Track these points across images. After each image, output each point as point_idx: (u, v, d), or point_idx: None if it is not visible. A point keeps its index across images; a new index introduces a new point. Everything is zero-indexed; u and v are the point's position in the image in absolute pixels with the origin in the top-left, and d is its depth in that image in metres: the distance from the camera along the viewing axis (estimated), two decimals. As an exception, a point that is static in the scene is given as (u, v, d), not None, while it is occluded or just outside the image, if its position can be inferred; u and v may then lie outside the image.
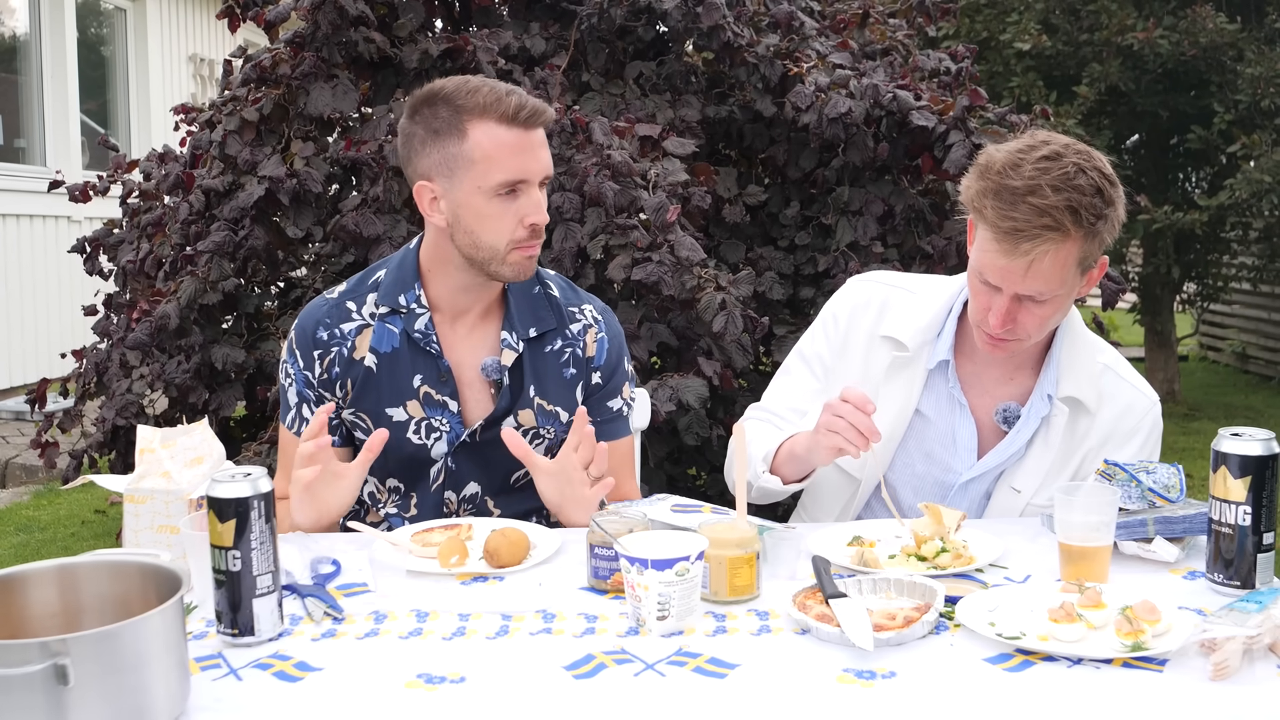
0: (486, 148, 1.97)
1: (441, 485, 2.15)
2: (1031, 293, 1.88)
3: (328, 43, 3.66)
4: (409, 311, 2.10)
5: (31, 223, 8.02)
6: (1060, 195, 1.80)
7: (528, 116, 1.98)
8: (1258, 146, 7.10)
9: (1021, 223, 1.80)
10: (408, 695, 1.37)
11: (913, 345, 2.10)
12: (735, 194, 3.94)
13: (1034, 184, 1.80)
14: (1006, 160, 1.85)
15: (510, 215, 2.00)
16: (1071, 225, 1.81)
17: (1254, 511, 1.61)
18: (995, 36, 7.67)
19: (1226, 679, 1.35)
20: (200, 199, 3.72)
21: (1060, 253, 1.83)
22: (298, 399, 2.15)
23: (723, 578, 1.63)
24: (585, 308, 2.22)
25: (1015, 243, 1.82)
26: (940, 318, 2.11)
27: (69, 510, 5.69)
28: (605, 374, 2.20)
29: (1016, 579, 1.73)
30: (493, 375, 2.11)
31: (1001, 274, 1.87)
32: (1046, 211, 1.79)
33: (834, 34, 4.28)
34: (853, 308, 2.18)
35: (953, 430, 2.11)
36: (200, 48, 10.62)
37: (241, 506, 1.49)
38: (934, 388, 2.11)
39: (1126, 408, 2.09)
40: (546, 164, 2.04)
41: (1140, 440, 2.10)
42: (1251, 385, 9.45)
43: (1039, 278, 1.85)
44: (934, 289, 2.16)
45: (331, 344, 2.12)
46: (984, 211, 1.85)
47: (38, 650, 1.19)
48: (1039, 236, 1.81)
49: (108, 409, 3.92)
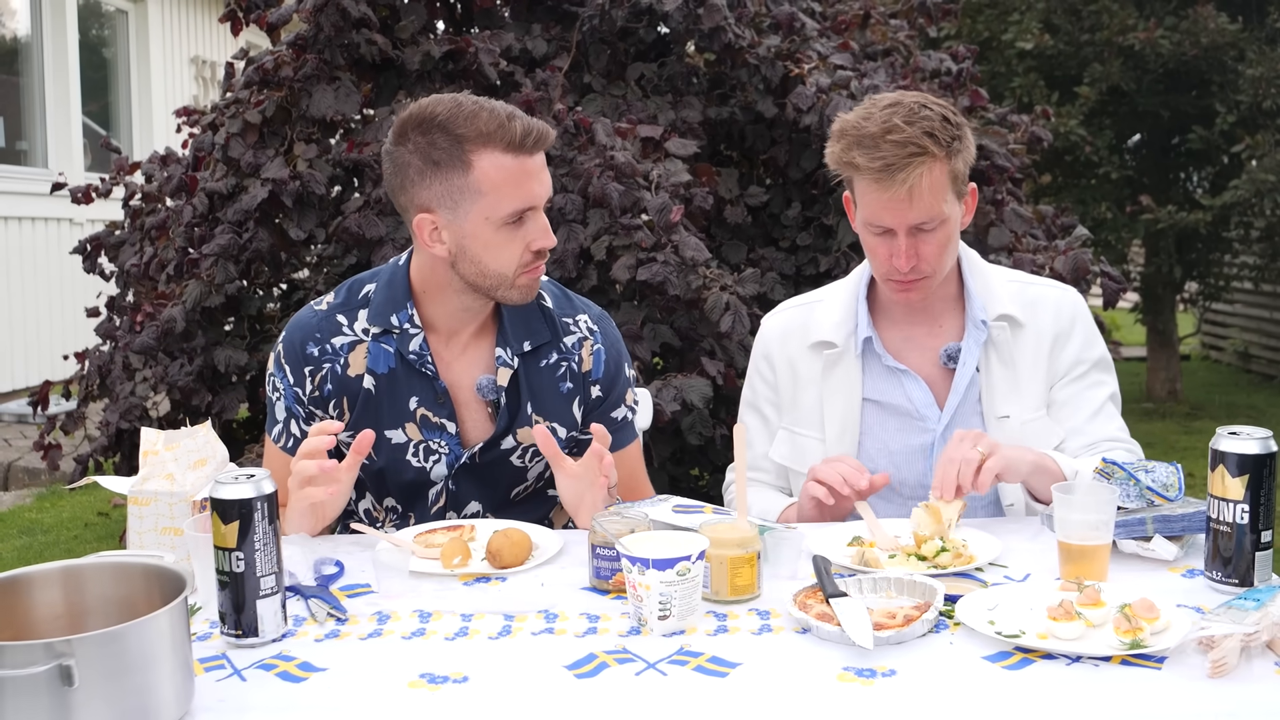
0: (495, 179, 1.91)
1: (443, 507, 2.12)
2: (920, 220, 2.03)
3: (330, 45, 3.67)
4: (402, 332, 2.05)
5: (34, 225, 8.03)
6: (914, 127, 1.99)
7: (534, 143, 1.93)
8: (1261, 146, 7.10)
9: (890, 157, 1.98)
10: (411, 695, 1.38)
11: (839, 338, 2.21)
12: (737, 195, 3.95)
13: (888, 125, 2.00)
14: (857, 116, 2.05)
15: (518, 242, 1.96)
16: (933, 146, 1.99)
17: (1252, 510, 1.61)
18: (996, 37, 7.67)
19: (1224, 676, 1.36)
20: (204, 201, 3.73)
21: (932, 174, 2.00)
22: (286, 414, 2.09)
23: (724, 577, 1.64)
24: (580, 318, 2.16)
25: (891, 175, 1.99)
26: (852, 305, 2.23)
27: (72, 513, 5.70)
28: (605, 386, 2.15)
29: (1016, 578, 1.74)
30: (489, 395, 2.07)
31: (889, 211, 2.02)
32: (907, 142, 1.98)
33: (835, 35, 4.29)
34: (777, 341, 2.30)
35: (905, 396, 2.19)
36: (202, 49, 10.63)
37: (245, 508, 1.50)
38: (871, 369, 2.21)
39: (1056, 308, 2.21)
40: (549, 185, 2.00)
41: (1081, 330, 2.21)
42: (1253, 384, 9.44)
43: (921, 202, 2.01)
44: (838, 288, 2.31)
45: (323, 360, 2.06)
46: (855, 162, 2.02)
47: (43, 651, 1.20)
48: (908, 164, 1.98)
49: (112, 412, 3.94)
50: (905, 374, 2.18)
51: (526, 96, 3.60)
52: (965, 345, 2.16)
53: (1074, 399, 2.17)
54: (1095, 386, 2.19)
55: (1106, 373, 2.22)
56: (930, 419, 2.17)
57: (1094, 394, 2.18)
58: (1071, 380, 2.18)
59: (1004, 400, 2.15)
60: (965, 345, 2.16)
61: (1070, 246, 3.68)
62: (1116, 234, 7.78)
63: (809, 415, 2.23)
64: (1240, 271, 8.81)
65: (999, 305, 2.17)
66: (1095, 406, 2.17)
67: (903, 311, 2.20)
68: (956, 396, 2.16)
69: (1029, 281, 2.25)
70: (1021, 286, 2.22)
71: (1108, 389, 2.20)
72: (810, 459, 2.16)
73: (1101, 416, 2.18)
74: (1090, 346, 2.20)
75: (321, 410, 2.07)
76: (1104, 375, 2.21)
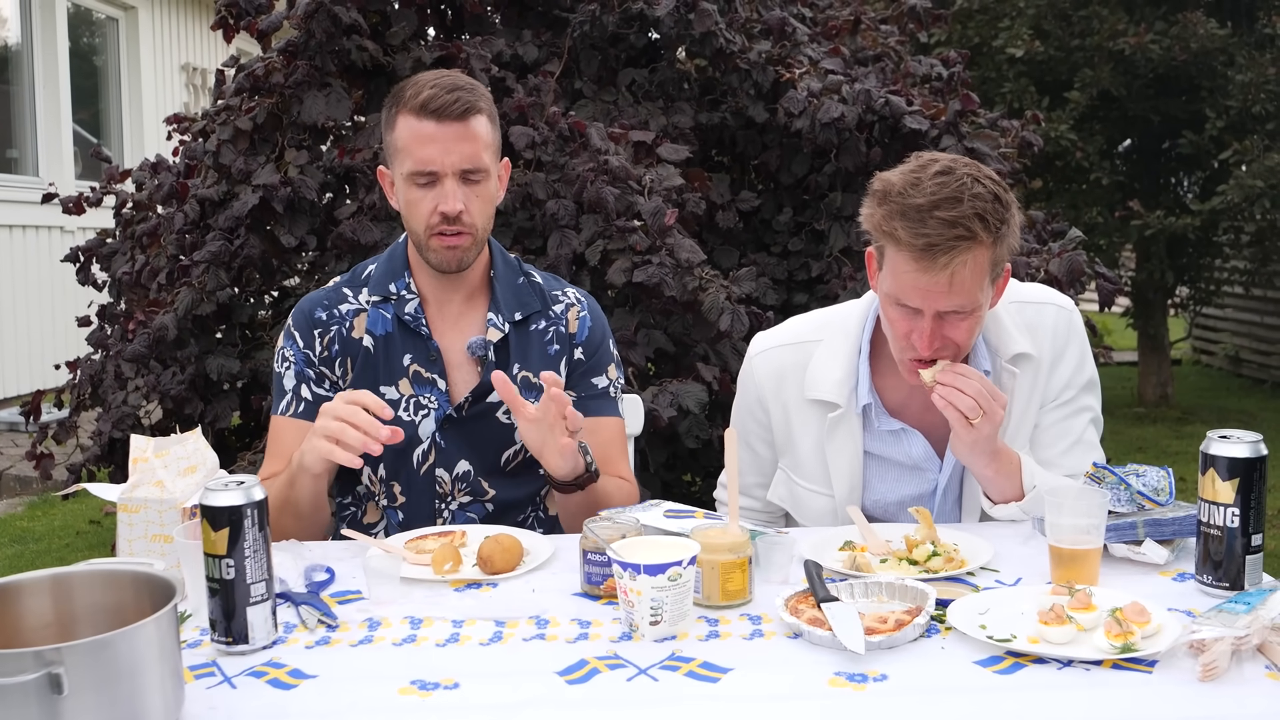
0: (405, 138, 2.09)
1: (432, 464, 2.17)
2: (953, 307, 1.89)
3: (321, 51, 3.67)
4: (399, 298, 2.20)
5: (24, 233, 8.02)
6: (966, 205, 1.84)
7: (436, 109, 2.06)
8: (1249, 152, 7.13)
9: (935, 237, 1.83)
10: (402, 701, 1.37)
11: (841, 399, 2.11)
12: (728, 200, 3.95)
13: (937, 198, 1.84)
14: (904, 181, 1.89)
15: (427, 202, 2.10)
16: (981, 231, 1.85)
17: (1242, 513, 1.62)
18: (987, 42, 7.70)
19: (1215, 680, 1.36)
20: (195, 208, 3.73)
21: (976, 261, 1.87)
22: (296, 380, 2.20)
23: (715, 582, 1.64)
24: (568, 290, 2.31)
25: (933, 257, 1.84)
26: (853, 362, 2.12)
27: (63, 521, 5.68)
28: (588, 350, 2.25)
29: (1007, 582, 1.74)
30: (478, 352, 2.18)
31: (923, 294, 1.89)
32: (957, 222, 1.83)
33: (826, 40, 4.29)
34: (771, 384, 2.19)
35: (905, 453, 2.14)
36: (192, 57, 10.63)
37: (235, 515, 1.50)
38: (871, 428, 2.14)
39: (1054, 329, 2.12)
40: (459, 157, 2.08)
41: (1075, 350, 2.13)
42: (1244, 388, 9.47)
43: (960, 290, 1.87)
44: (838, 331, 2.16)
45: (331, 323, 2.21)
46: (895, 234, 1.87)
47: (32, 659, 1.19)
48: (954, 248, 1.84)
49: (104, 421, 3.92)
50: (905, 432, 2.12)
51: (519, 102, 3.60)
52: None
53: (1054, 426, 2.12)
54: (1078, 414, 2.13)
55: (1091, 394, 2.16)
56: (931, 471, 2.14)
57: (1075, 423, 2.13)
58: (1058, 405, 2.12)
59: (1009, 439, 2.09)
60: None
61: (1065, 249, 3.68)
62: (1108, 239, 7.81)
63: (811, 470, 2.17)
64: (1231, 276, 8.85)
65: (1013, 345, 2.08)
66: (1074, 437, 2.12)
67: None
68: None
69: (1025, 299, 2.15)
70: (1020, 307, 2.13)
71: (1090, 414, 2.16)
72: (815, 512, 2.17)
73: (1078, 449, 2.12)
74: (1081, 369, 2.14)
75: (329, 370, 2.20)
76: (1089, 399, 2.16)
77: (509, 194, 3.55)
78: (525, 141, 3.50)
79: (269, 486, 2.03)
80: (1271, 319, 9.39)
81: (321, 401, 2.12)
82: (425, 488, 2.18)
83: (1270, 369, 9.47)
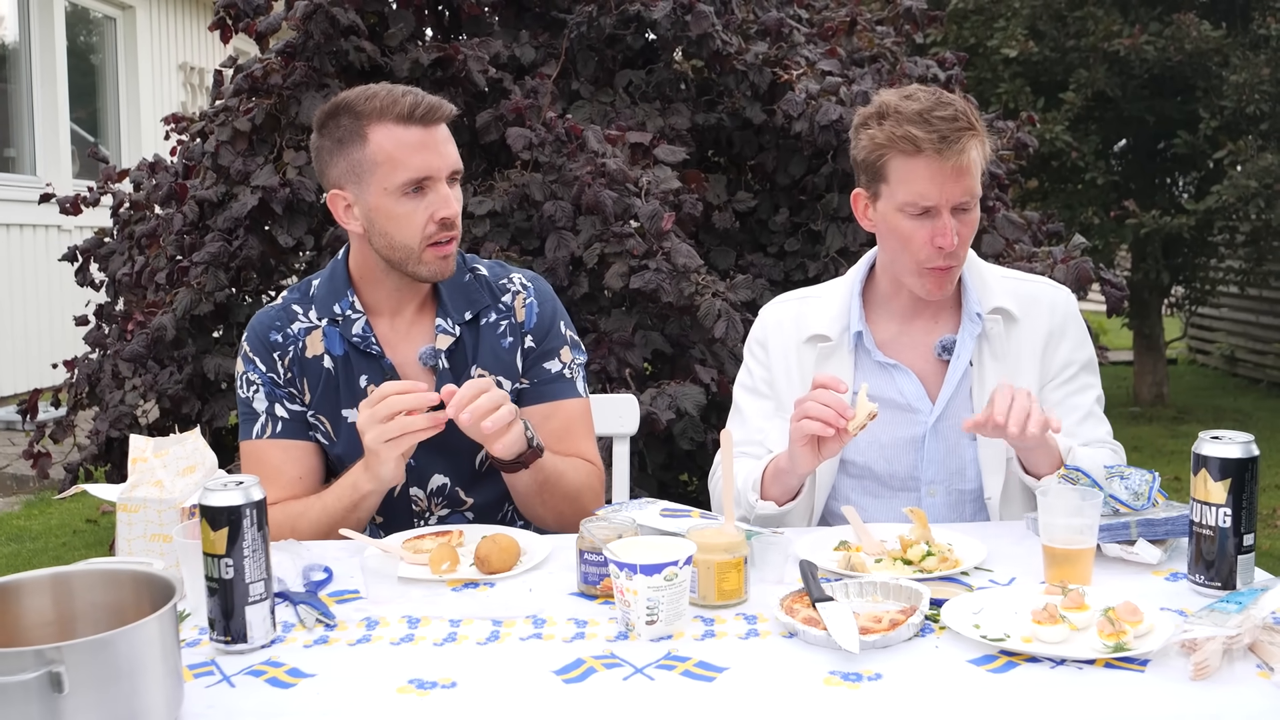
0: (388, 149, 2.02)
1: (405, 484, 2.15)
2: (966, 197, 2.06)
3: (319, 52, 3.67)
4: (345, 318, 2.15)
5: (21, 232, 8.02)
6: (955, 105, 2.06)
7: (424, 113, 2.03)
8: (1244, 152, 7.14)
9: (945, 129, 2.02)
10: (399, 700, 1.38)
11: (834, 333, 2.22)
12: (725, 201, 3.95)
13: (932, 103, 2.05)
14: (896, 98, 2.09)
15: (420, 213, 2.04)
16: (975, 122, 2.06)
17: (1234, 513, 1.63)
18: (983, 43, 7.71)
19: (1207, 679, 1.37)
20: (194, 209, 3.73)
21: (977, 147, 2.06)
22: (267, 401, 2.15)
23: (711, 582, 1.65)
24: (514, 276, 2.25)
25: (948, 146, 2.02)
26: (847, 300, 2.24)
27: (60, 520, 5.68)
28: (537, 336, 2.21)
29: (1001, 581, 1.75)
30: (429, 362, 2.14)
31: (940, 186, 2.03)
32: (956, 116, 2.04)
33: (822, 41, 4.30)
34: (772, 329, 2.30)
35: (897, 389, 2.19)
36: (190, 56, 10.62)
37: (234, 514, 1.51)
38: (863, 364, 2.22)
39: (1050, 305, 2.22)
40: (452, 159, 2.08)
41: (1073, 329, 2.23)
42: (1240, 388, 9.49)
43: (970, 176, 2.05)
44: (836, 283, 2.33)
45: (286, 344, 2.16)
46: (910, 136, 2.03)
47: (32, 658, 1.20)
48: (961, 136, 2.03)
49: (102, 421, 3.93)
50: (896, 368, 2.19)
51: (516, 103, 3.61)
52: (960, 338, 2.18)
53: (1063, 403, 2.18)
54: (1083, 390, 2.21)
55: (1093, 374, 2.24)
56: (922, 411, 2.18)
57: (1082, 398, 2.20)
58: (1061, 383, 2.20)
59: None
60: (960, 338, 2.18)
61: (1070, 255, 3.70)
62: (1103, 239, 7.82)
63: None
64: (1226, 276, 8.86)
65: (993, 299, 2.18)
66: (1084, 411, 2.19)
67: (901, 305, 2.21)
68: (949, 388, 2.17)
69: (1023, 279, 2.27)
70: (1016, 283, 2.24)
71: (1094, 391, 2.23)
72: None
73: (1089, 421, 2.19)
74: (1080, 347, 2.22)
75: (295, 389, 2.15)
76: (1091, 377, 2.23)
77: (506, 195, 3.57)
78: (523, 143, 3.51)
79: (309, 509, 2.04)
80: (1267, 318, 9.40)
81: (299, 417, 2.12)
82: (402, 508, 2.17)
83: (1265, 368, 9.49)
